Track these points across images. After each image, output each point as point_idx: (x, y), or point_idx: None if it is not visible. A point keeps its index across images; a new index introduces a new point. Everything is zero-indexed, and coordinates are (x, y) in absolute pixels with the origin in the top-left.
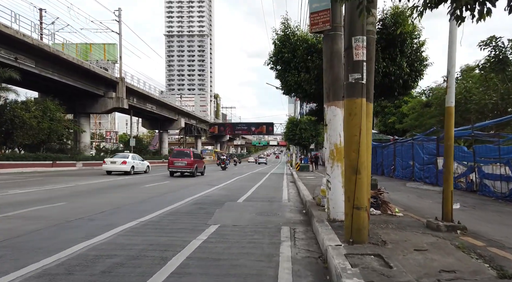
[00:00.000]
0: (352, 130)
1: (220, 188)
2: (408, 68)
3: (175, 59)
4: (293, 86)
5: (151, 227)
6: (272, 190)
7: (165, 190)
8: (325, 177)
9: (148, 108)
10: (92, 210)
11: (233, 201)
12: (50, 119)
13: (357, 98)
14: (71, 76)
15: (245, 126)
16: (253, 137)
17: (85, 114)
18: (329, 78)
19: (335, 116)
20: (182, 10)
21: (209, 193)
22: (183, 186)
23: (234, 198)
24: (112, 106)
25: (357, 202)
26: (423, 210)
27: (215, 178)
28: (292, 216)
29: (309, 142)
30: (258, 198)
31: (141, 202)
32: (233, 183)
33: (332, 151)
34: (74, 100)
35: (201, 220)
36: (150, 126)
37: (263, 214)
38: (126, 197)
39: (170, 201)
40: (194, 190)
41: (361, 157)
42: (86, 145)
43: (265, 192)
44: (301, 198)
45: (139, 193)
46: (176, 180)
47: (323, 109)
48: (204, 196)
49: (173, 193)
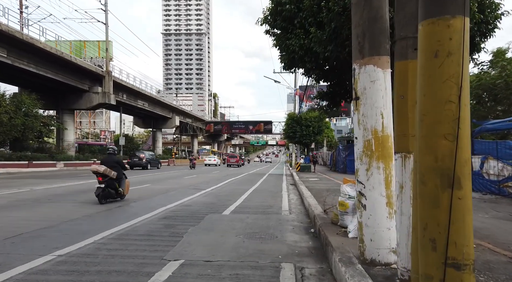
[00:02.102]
0: (441, 90)
1: (206, 194)
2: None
3: (173, 58)
4: (297, 53)
5: (66, 269)
6: (269, 195)
7: (135, 197)
8: (354, 186)
9: (140, 105)
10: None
11: (218, 212)
12: (25, 114)
13: (452, 17)
14: (50, 68)
15: (242, 125)
16: (251, 136)
17: (68, 111)
18: (363, 19)
19: (374, 82)
20: (179, 8)
21: (191, 200)
22: (162, 191)
23: (220, 208)
24: (97, 101)
25: (453, 251)
26: (500, 236)
27: (206, 180)
28: (296, 239)
29: (311, 140)
30: (251, 207)
31: (90, 216)
32: (224, 186)
33: (369, 143)
34: (57, 95)
35: (159, 249)
36: (143, 125)
37: (255, 236)
38: (78, 207)
39: (132, 214)
40: (174, 196)
41: (464, 152)
42: (70, 144)
43: (261, 198)
44: (306, 208)
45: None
46: (159, 183)
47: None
48: (182, 206)
49: (144, 201)
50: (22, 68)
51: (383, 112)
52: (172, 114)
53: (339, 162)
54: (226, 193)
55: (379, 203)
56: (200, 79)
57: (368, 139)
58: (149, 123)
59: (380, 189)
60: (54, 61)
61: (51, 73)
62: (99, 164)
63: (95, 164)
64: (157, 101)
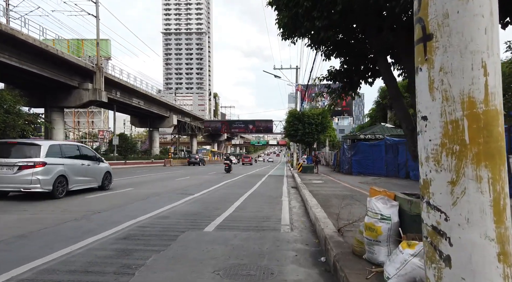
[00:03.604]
0: None
1: (193, 200)
2: None
3: (173, 58)
4: (302, 6)
5: None
6: (267, 202)
7: (107, 205)
8: (389, 202)
9: (135, 103)
10: None
11: (199, 228)
12: (6, 111)
13: None
14: (35, 62)
15: (242, 124)
16: (252, 136)
17: (57, 108)
18: None
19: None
20: (179, 7)
21: (171, 210)
22: (143, 196)
23: (203, 221)
24: (88, 99)
25: None
26: None
27: (199, 182)
28: (301, 277)
29: (314, 138)
30: (242, 220)
31: (23, 237)
32: (216, 190)
33: (456, 127)
34: (44, 92)
35: None
36: (140, 124)
37: (241, 272)
38: (27, 219)
39: (84, 232)
40: (153, 204)
41: None
42: None
43: (257, 206)
44: (312, 221)
45: (62, 213)
46: (144, 186)
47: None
48: (156, 218)
49: (112, 211)
50: (3, 62)
51: (486, 62)
52: (170, 113)
53: (344, 163)
54: (217, 199)
55: (481, 254)
56: (201, 78)
57: (455, 118)
58: (145, 122)
59: (483, 224)
60: (39, 55)
61: (37, 68)
62: None
63: None
64: (153, 99)
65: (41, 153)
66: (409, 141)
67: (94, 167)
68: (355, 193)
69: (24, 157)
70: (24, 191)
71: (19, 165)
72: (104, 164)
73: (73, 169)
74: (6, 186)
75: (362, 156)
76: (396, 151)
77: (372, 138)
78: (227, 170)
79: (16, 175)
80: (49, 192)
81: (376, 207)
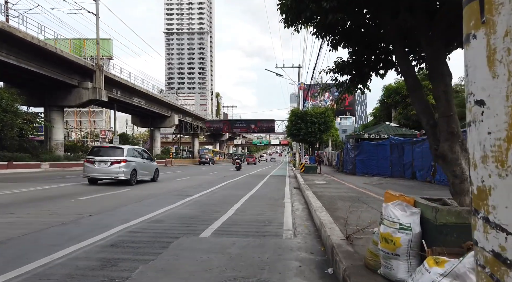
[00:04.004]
0: None
1: (191, 202)
2: None
3: (175, 58)
4: None
5: None
6: (268, 204)
7: (98, 207)
8: (409, 208)
9: (135, 102)
10: None
11: (194, 233)
12: (3, 110)
13: None
14: (33, 60)
15: (244, 123)
16: (254, 136)
17: (57, 108)
18: None
19: None
20: (181, 7)
21: (166, 213)
22: (138, 198)
23: (200, 225)
24: (88, 98)
25: None
26: None
27: (198, 182)
28: None
29: (317, 138)
30: (242, 224)
31: (7, 243)
32: (216, 191)
33: None
34: (44, 91)
35: None
36: (141, 123)
37: None
38: (10, 223)
39: (71, 238)
40: (147, 207)
41: None
42: (58, 143)
43: (258, 208)
44: (316, 226)
45: (50, 215)
46: (141, 187)
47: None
48: (149, 222)
49: (104, 215)
50: (1, 60)
51: None
52: (171, 112)
53: (348, 163)
54: (216, 200)
55: None
56: (203, 78)
57: None
58: (147, 121)
59: None
60: (38, 53)
61: (35, 66)
62: None
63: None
64: (154, 98)
65: (124, 153)
66: (430, 138)
67: (150, 164)
68: (361, 195)
69: (113, 156)
70: (115, 179)
71: (111, 161)
72: (155, 163)
73: (139, 165)
74: (103, 175)
75: (366, 156)
76: (401, 151)
77: (376, 137)
78: (237, 168)
79: (109, 168)
80: (127, 180)
81: (393, 215)
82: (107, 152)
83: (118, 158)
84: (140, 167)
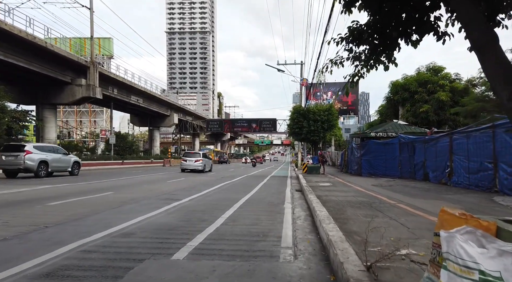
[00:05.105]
0: None
1: (176, 208)
2: None
3: (177, 57)
4: None
5: None
6: (265, 211)
7: (64, 216)
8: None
9: (133, 101)
10: None
11: (167, 253)
12: None
13: None
14: (22, 55)
15: (245, 123)
16: (256, 136)
17: (49, 105)
18: None
19: None
20: (183, 6)
21: (142, 222)
22: (117, 203)
23: (177, 240)
24: (81, 95)
25: None
26: None
27: (192, 184)
28: None
29: (320, 136)
30: (229, 239)
31: None
32: (209, 194)
33: None
34: (36, 88)
35: None
36: (140, 123)
37: None
38: None
39: (3, 261)
40: (123, 215)
41: None
42: (51, 142)
43: (252, 216)
44: (323, 242)
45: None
46: (127, 189)
47: None
48: (116, 236)
49: (63, 226)
50: None
51: None
52: (170, 111)
53: (353, 163)
54: (206, 206)
55: None
56: (205, 78)
57: None
58: (145, 121)
59: None
60: (27, 48)
61: (24, 62)
62: None
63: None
64: (152, 96)
65: (201, 156)
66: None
67: (209, 161)
68: (373, 200)
69: (195, 157)
70: (196, 169)
71: (194, 159)
72: (211, 160)
73: (207, 162)
74: (190, 167)
75: (373, 155)
76: (412, 150)
77: (384, 136)
78: (253, 165)
79: (194, 163)
80: (202, 170)
81: (464, 253)
82: (192, 154)
83: (198, 158)
84: (207, 163)
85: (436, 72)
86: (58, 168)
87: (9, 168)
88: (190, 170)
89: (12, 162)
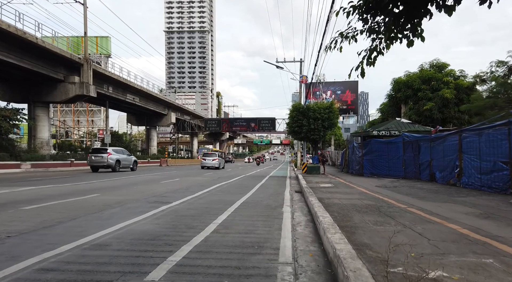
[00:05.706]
0: None
1: (164, 212)
2: None
3: (175, 56)
4: None
5: None
6: (261, 216)
7: (34, 223)
8: None
9: (129, 99)
10: None
11: (140, 272)
12: None
13: None
14: (12, 51)
15: (244, 122)
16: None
17: (41, 104)
18: None
19: None
20: (182, 5)
21: (121, 231)
22: (100, 207)
23: (157, 254)
24: (74, 93)
25: None
26: None
27: (187, 185)
28: None
29: (320, 135)
30: (219, 252)
31: None
32: (203, 196)
33: None
34: (27, 86)
35: None
36: (137, 122)
37: None
38: None
39: None
40: (103, 221)
41: None
42: (44, 141)
43: (247, 222)
44: (329, 257)
45: None
46: (116, 191)
47: None
48: (86, 248)
49: (31, 234)
50: None
51: None
52: (168, 110)
53: (354, 162)
54: (198, 210)
55: None
56: (203, 77)
57: None
58: (142, 120)
59: None
60: (16, 43)
61: (13, 58)
62: None
63: (73, 164)
64: (149, 95)
65: (217, 155)
66: None
67: (223, 160)
68: (380, 203)
69: (213, 157)
70: (214, 167)
71: (212, 158)
72: (223, 160)
73: (221, 161)
74: (209, 165)
75: (375, 155)
76: (417, 149)
77: (386, 134)
78: (257, 164)
79: (212, 162)
80: (218, 167)
81: None
82: (210, 155)
83: (215, 158)
84: (221, 162)
85: (440, 69)
86: (125, 165)
87: (95, 165)
88: (207, 168)
89: (98, 161)
